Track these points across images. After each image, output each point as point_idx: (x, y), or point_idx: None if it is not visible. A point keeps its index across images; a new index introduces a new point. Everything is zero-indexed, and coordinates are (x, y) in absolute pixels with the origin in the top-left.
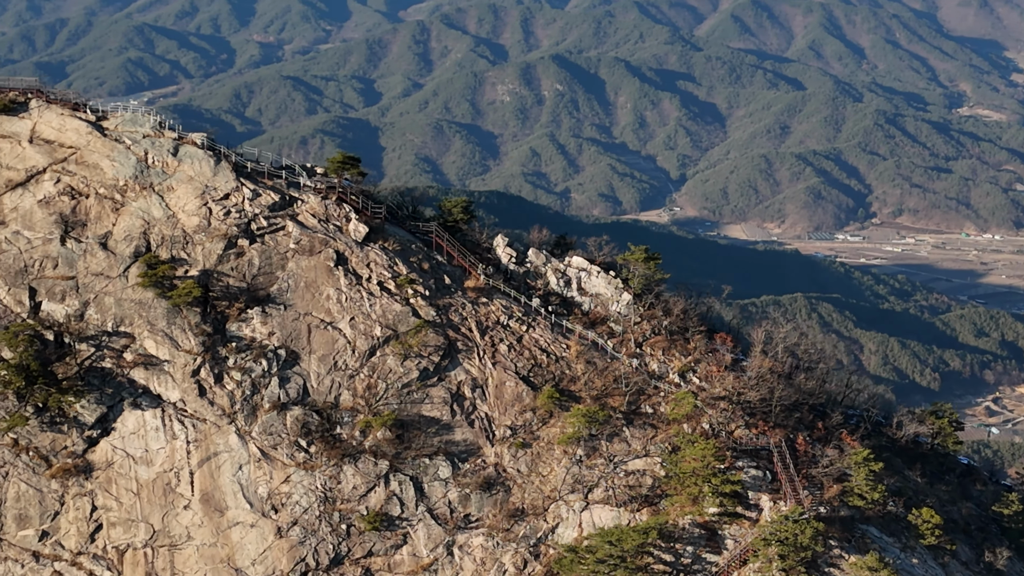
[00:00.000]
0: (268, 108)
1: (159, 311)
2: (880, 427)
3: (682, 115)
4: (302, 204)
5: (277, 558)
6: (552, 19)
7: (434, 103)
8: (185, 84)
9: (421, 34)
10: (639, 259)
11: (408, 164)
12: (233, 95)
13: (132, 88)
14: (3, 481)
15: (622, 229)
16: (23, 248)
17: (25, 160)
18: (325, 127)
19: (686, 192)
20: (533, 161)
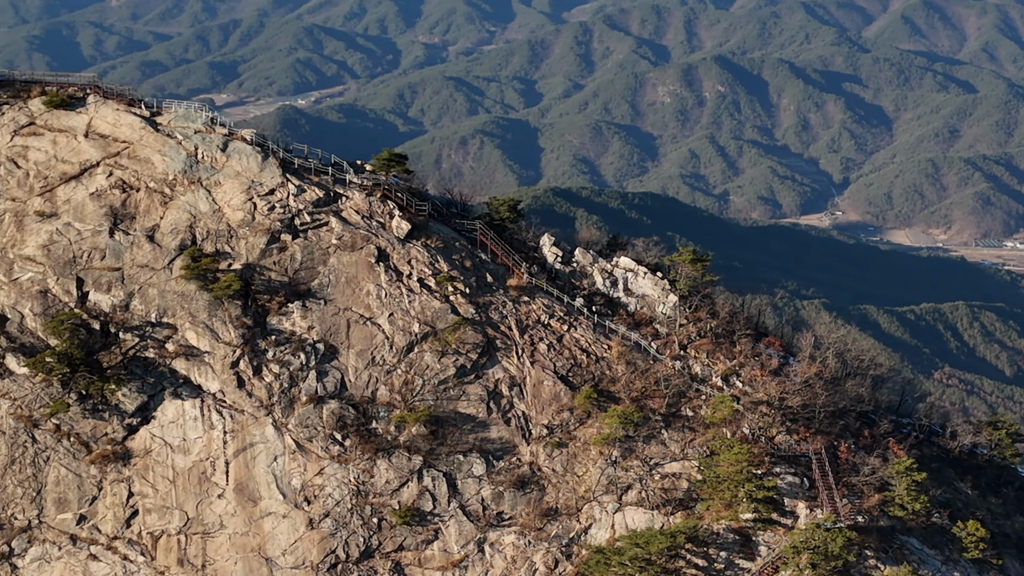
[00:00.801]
0: (430, 108)
1: (201, 303)
2: (934, 437)
3: (847, 117)
4: (346, 200)
5: (307, 549)
6: (716, 20)
7: (594, 104)
8: (351, 84)
9: (583, 35)
10: (686, 260)
11: (566, 165)
12: (397, 95)
13: (300, 88)
14: (44, 465)
15: (780, 233)
16: (73, 239)
17: (80, 154)
18: (485, 127)
19: (848, 196)
20: (692, 163)
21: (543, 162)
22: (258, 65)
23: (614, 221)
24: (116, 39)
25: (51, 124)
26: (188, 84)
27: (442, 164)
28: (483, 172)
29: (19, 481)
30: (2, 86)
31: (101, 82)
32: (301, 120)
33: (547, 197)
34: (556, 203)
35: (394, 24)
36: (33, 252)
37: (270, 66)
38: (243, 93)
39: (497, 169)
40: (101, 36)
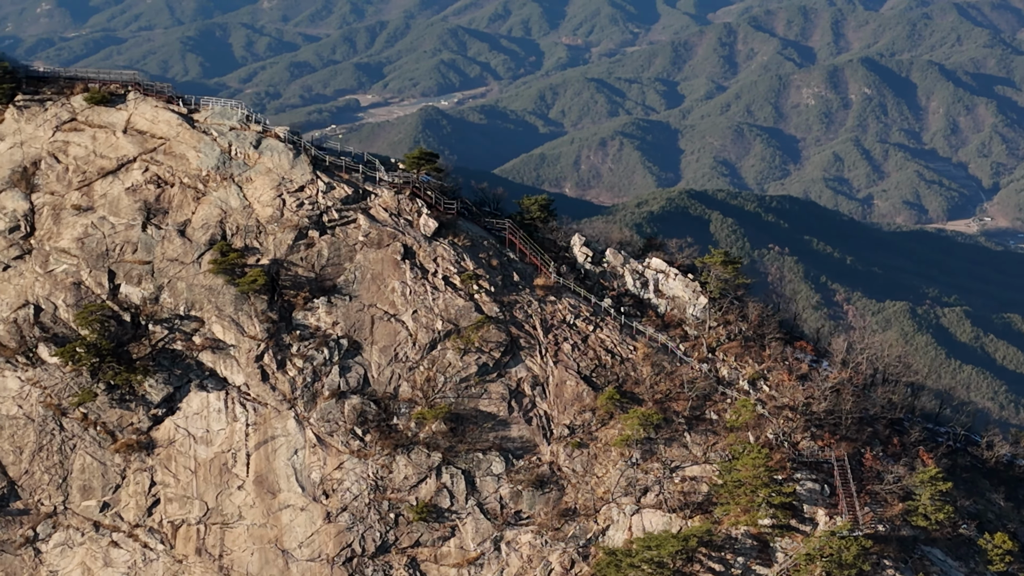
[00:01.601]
0: (571, 110)
1: (227, 297)
2: (971, 447)
3: (998, 121)
4: (375, 198)
5: (324, 542)
6: (864, 21)
7: (736, 106)
8: (494, 85)
9: (727, 36)
10: (717, 262)
11: (706, 167)
12: (538, 97)
13: (444, 89)
14: (71, 453)
15: (923, 238)
16: (107, 233)
17: (117, 149)
18: (625, 129)
19: (998, 202)
20: (835, 166)
21: (683, 164)
22: (403, 66)
23: (749, 224)
24: (266, 40)
25: (92, 120)
26: (334, 85)
27: (581, 166)
28: (622, 174)
29: (46, 468)
30: (47, 82)
31: (142, 79)
32: (442, 121)
33: (681, 199)
34: (690, 205)
35: (538, 25)
36: (68, 245)
37: (415, 67)
38: (387, 94)
39: (636, 171)
40: (252, 37)
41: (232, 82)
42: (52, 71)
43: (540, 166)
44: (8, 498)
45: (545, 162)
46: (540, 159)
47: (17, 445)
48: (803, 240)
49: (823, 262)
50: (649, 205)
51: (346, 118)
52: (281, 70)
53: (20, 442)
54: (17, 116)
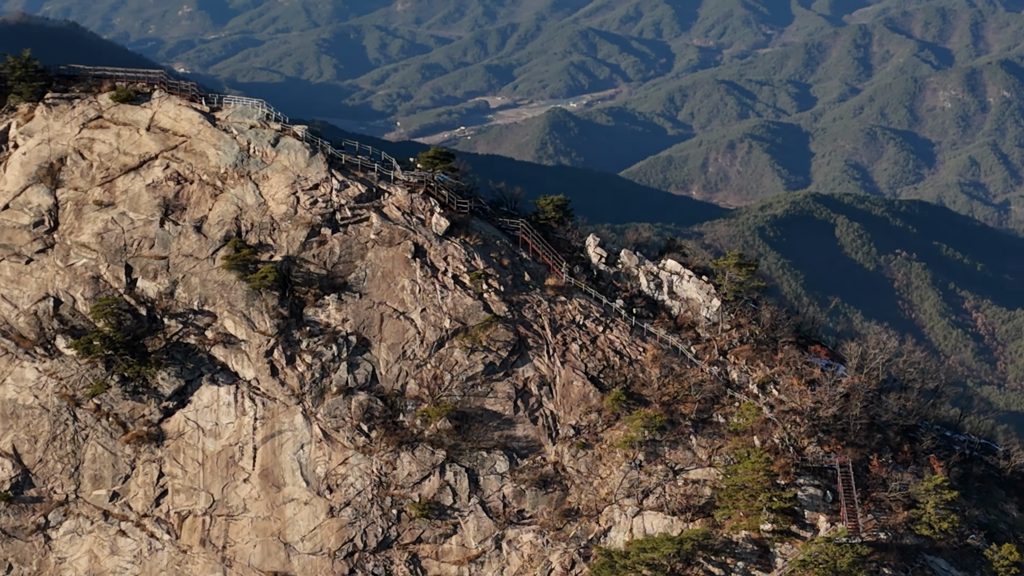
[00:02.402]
0: (700, 112)
1: (239, 293)
2: (987, 457)
3: None
4: (388, 197)
5: (326, 536)
6: (1005, 23)
7: (869, 109)
8: (623, 87)
9: (862, 38)
10: (731, 264)
11: (836, 171)
12: (667, 99)
13: (572, 91)
14: (83, 443)
15: None
16: (125, 228)
17: (140, 147)
18: (754, 132)
19: None
20: (971, 171)
21: (813, 167)
22: (532, 68)
23: (876, 229)
24: (399, 43)
25: (117, 118)
26: (465, 87)
27: (708, 168)
28: (750, 177)
29: (59, 457)
30: (76, 80)
31: (167, 78)
32: (569, 123)
33: (806, 203)
34: (816, 209)
35: (669, 27)
36: (88, 239)
37: (544, 69)
38: (517, 96)
39: (764, 174)
40: (385, 40)
41: (365, 84)
42: (79, 69)
43: (667, 168)
44: (22, 486)
45: (672, 164)
46: (667, 161)
47: (32, 434)
48: (932, 246)
49: (952, 268)
50: (773, 208)
51: (475, 120)
52: (413, 72)
53: (35, 431)
54: (46, 113)
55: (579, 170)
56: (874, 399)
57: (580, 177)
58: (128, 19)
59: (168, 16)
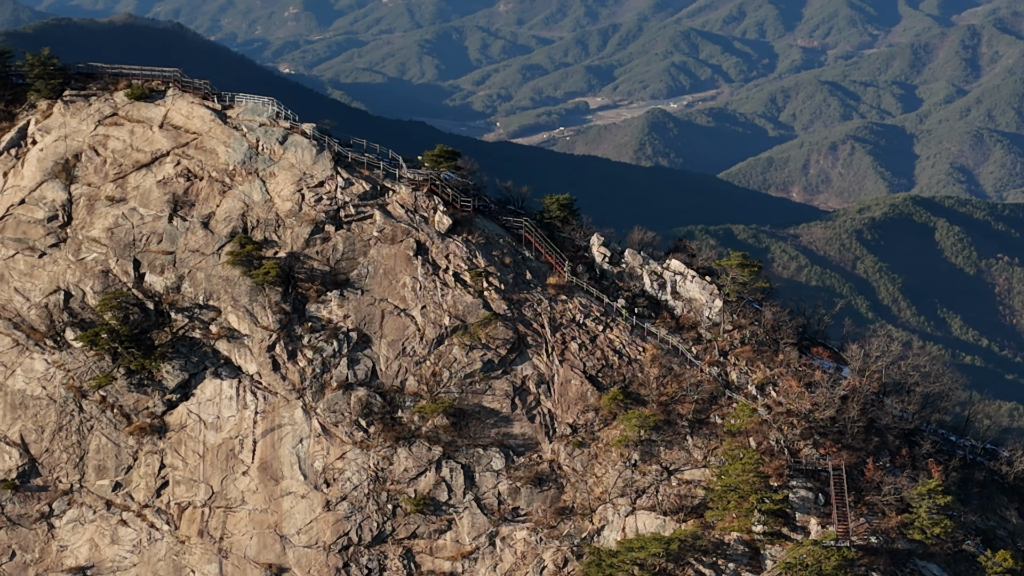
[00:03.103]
0: (802, 113)
1: (243, 288)
2: (992, 462)
3: None
4: (393, 194)
5: (322, 530)
6: None
7: (976, 111)
8: (724, 88)
9: (971, 39)
10: (734, 264)
11: (941, 173)
12: (768, 100)
13: (673, 92)
14: (88, 434)
15: None
16: (135, 223)
17: (153, 143)
18: (857, 133)
19: None
20: None
21: (917, 170)
22: (633, 69)
23: (978, 233)
24: (501, 43)
25: (131, 115)
26: (565, 87)
27: (809, 170)
28: (852, 179)
29: (64, 447)
30: (93, 79)
31: (182, 76)
32: (669, 123)
33: (906, 206)
34: (915, 212)
35: (773, 27)
36: (99, 234)
37: (645, 70)
38: (617, 96)
39: (867, 176)
40: (487, 40)
41: (466, 84)
42: (96, 67)
43: (767, 170)
44: (29, 475)
45: (772, 166)
46: (767, 163)
47: (39, 424)
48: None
49: None
50: (871, 211)
51: (574, 120)
52: (513, 72)
53: (42, 421)
54: (63, 110)
55: (676, 171)
56: (874, 402)
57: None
58: (236, 20)
59: (275, 17)
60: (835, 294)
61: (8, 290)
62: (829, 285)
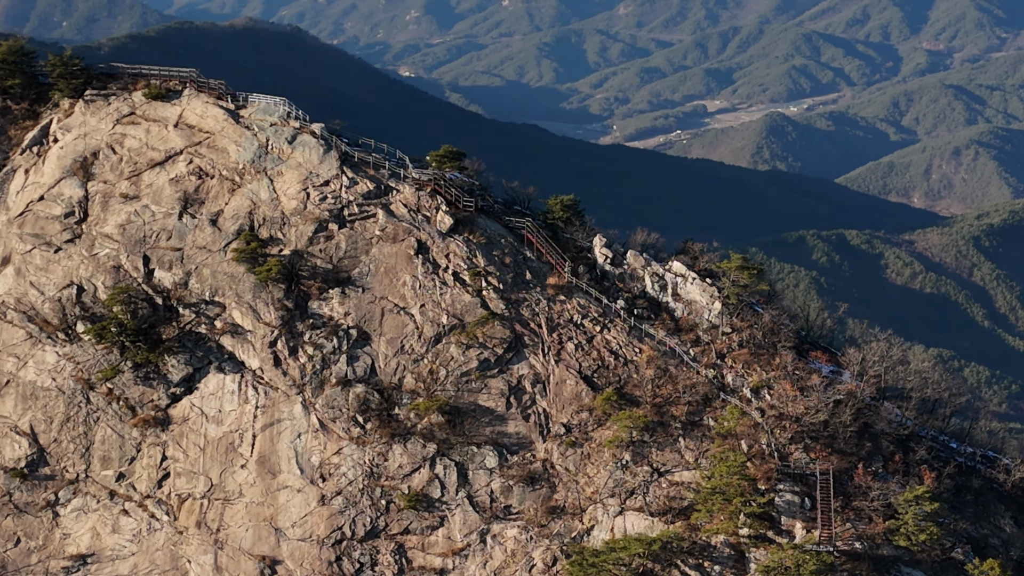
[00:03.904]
0: (925, 117)
1: (247, 285)
2: (988, 470)
3: None
4: (396, 194)
5: (316, 524)
6: None
7: None
8: (846, 92)
9: None
10: (734, 267)
11: None
12: (891, 103)
13: (793, 95)
14: (94, 425)
15: None
16: (146, 220)
17: (167, 142)
18: (981, 138)
19: None
20: None
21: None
22: (753, 72)
23: None
24: (620, 46)
25: (148, 114)
26: (683, 91)
27: (931, 175)
28: (975, 185)
29: (72, 438)
30: (113, 79)
31: (198, 76)
32: (787, 127)
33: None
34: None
35: (897, 30)
36: (111, 230)
37: (765, 73)
38: (736, 100)
39: (991, 182)
40: (606, 43)
41: (583, 87)
42: (116, 67)
43: (888, 175)
44: (37, 464)
45: (893, 171)
46: (888, 168)
47: (48, 415)
48: None
49: None
50: (990, 218)
51: (691, 124)
52: (631, 76)
53: (51, 412)
54: (84, 109)
55: (791, 175)
56: (869, 407)
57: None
58: (358, 24)
59: (396, 21)
60: (949, 302)
61: (24, 284)
62: (944, 292)
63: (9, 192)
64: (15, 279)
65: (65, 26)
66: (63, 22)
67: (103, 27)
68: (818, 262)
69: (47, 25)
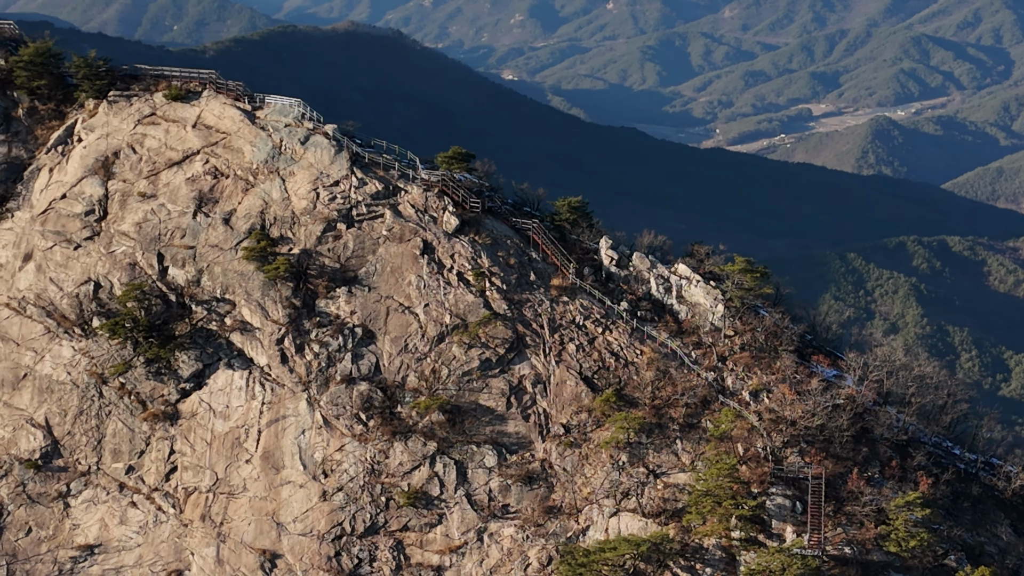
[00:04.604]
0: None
1: (256, 283)
2: (988, 477)
3: None
4: (405, 195)
5: (317, 519)
6: None
7: None
8: (955, 96)
9: None
10: (738, 270)
11: None
12: (1002, 108)
13: (900, 99)
14: (106, 418)
15: None
16: (162, 218)
17: (185, 142)
18: None
19: None
20: None
21: None
22: (860, 75)
23: None
24: (724, 49)
25: (168, 115)
26: (788, 94)
27: None
28: None
29: (84, 430)
30: (137, 80)
31: (217, 78)
32: (893, 131)
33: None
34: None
35: (1010, 33)
36: (128, 228)
37: (872, 76)
38: (841, 103)
39: None
40: (711, 47)
41: (687, 91)
42: (140, 69)
43: (996, 180)
44: (51, 456)
45: (1003, 176)
46: (997, 173)
47: (63, 408)
48: None
49: None
50: None
51: (796, 127)
52: (735, 79)
53: (65, 405)
54: (107, 110)
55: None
56: (868, 411)
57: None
58: (463, 28)
59: (501, 24)
60: None
61: (44, 280)
62: None
63: (34, 190)
64: (36, 275)
65: (176, 30)
66: (174, 26)
67: (212, 31)
68: (918, 268)
69: (158, 29)
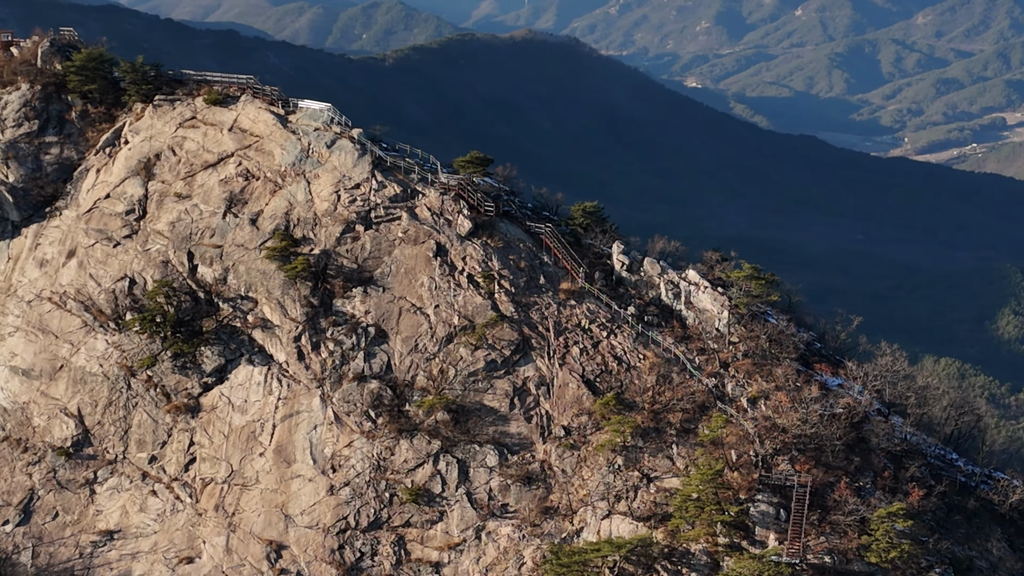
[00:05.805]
0: None
1: (277, 281)
2: (984, 490)
3: None
4: (422, 198)
5: (323, 512)
6: None
7: None
8: None
9: None
10: (743, 277)
11: None
12: None
13: None
14: (133, 410)
15: None
16: (194, 218)
17: (220, 145)
18: None
19: None
20: None
21: None
22: None
23: None
24: (916, 56)
25: (207, 119)
26: (981, 102)
27: None
28: None
29: (113, 420)
30: (182, 84)
31: (255, 83)
32: None
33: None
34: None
35: None
36: (163, 227)
37: None
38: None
39: None
40: (902, 53)
41: (875, 99)
42: (184, 74)
43: None
44: (82, 444)
45: None
46: None
47: (94, 399)
48: None
49: None
50: None
51: (988, 137)
52: (927, 87)
53: (96, 396)
54: (152, 113)
55: None
56: (866, 421)
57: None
58: (648, 35)
59: (686, 32)
60: None
61: (84, 275)
62: None
63: (81, 190)
64: (77, 271)
65: (364, 38)
66: (363, 35)
67: (399, 39)
68: None
69: (348, 38)
